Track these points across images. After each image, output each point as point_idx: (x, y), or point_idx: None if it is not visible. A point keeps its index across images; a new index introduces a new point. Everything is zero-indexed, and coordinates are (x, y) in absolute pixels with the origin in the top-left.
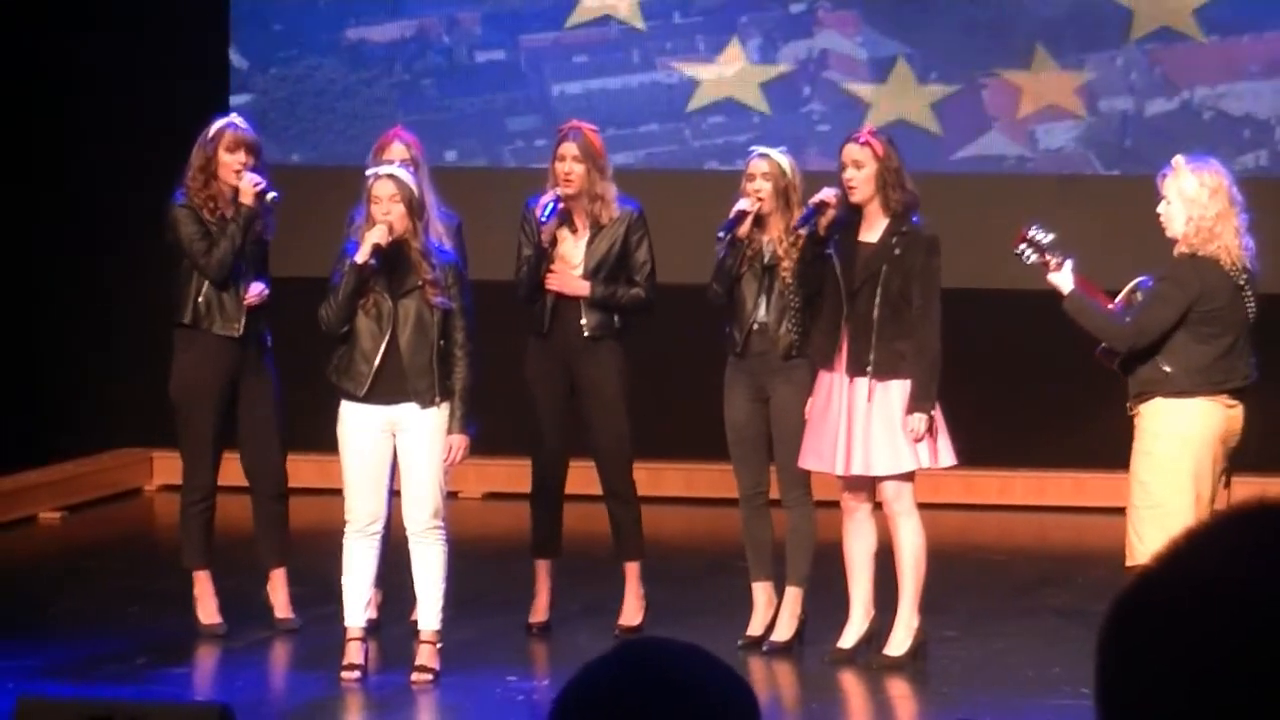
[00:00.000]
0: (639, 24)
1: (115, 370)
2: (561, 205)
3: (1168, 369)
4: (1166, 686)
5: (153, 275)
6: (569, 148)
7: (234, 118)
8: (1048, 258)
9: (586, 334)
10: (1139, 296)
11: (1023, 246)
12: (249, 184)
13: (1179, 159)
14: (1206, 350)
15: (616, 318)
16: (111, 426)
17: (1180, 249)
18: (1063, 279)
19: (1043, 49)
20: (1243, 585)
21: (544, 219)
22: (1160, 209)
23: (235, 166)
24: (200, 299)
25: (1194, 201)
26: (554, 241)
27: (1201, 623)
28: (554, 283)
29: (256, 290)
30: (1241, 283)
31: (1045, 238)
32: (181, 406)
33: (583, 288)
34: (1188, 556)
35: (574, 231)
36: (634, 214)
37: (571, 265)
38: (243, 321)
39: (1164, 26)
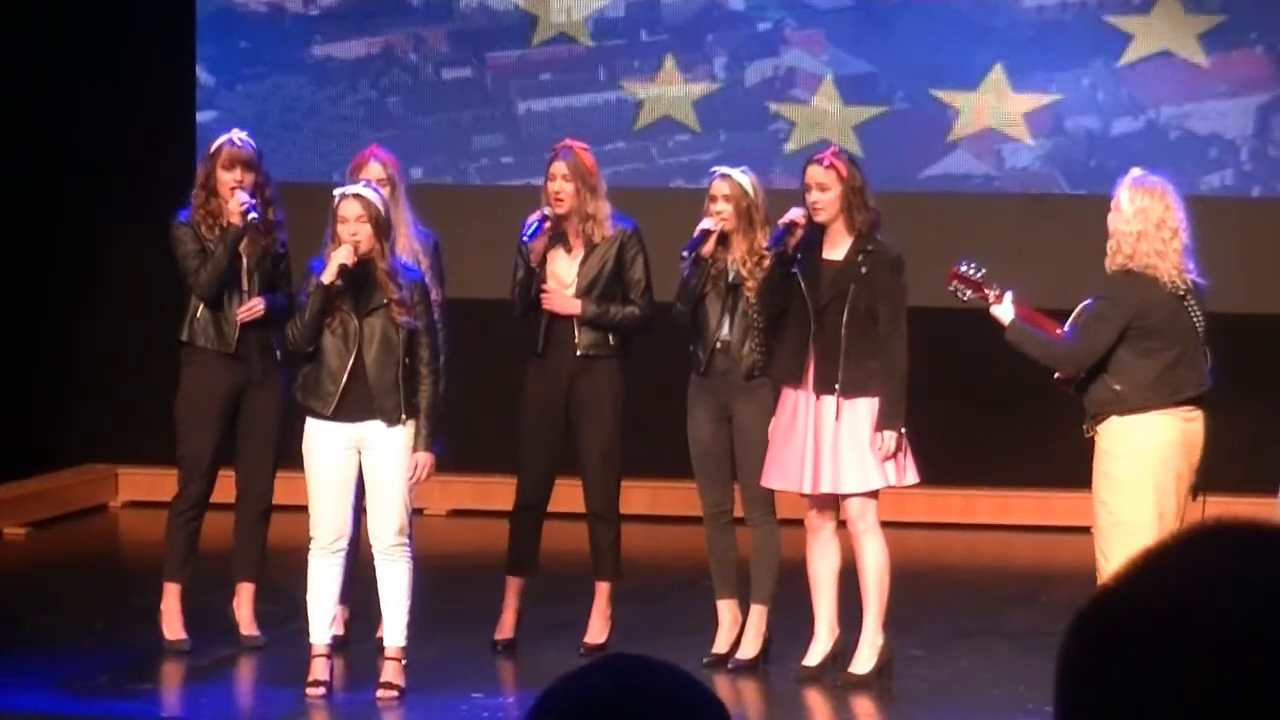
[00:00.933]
0: (591, 42)
1: (81, 387)
2: (547, 225)
3: (1118, 387)
4: (1124, 705)
5: (120, 291)
6: (559, 167)
7: (234, 134)
8: (985, 292)
9: (580, 353)
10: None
11: (955, 284)
12: (235, 205)
13: (1135, 171)
14: (1152, 365)
15: (612, 337)
16: (77, 443)
17: (1113, 266)
18: (1003, 311)
19: (1007, 69)
20: (1199, 604)
21: (528, 237)
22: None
23: (230, 184)
24: (196, 316)
25: (1119, 215)
26: (544, 260)
27: (1158, 642)
28: (547, 303)
29: (248, 306)
30: (1182, 294)
31: (976, 273)
32: (180, 421)
33: (575, 307)
34: (1145, 576)
35: (568, 250)
36: (628, 231)
37: (565, 285)
38: (235, 338)
39: (1164, 50)
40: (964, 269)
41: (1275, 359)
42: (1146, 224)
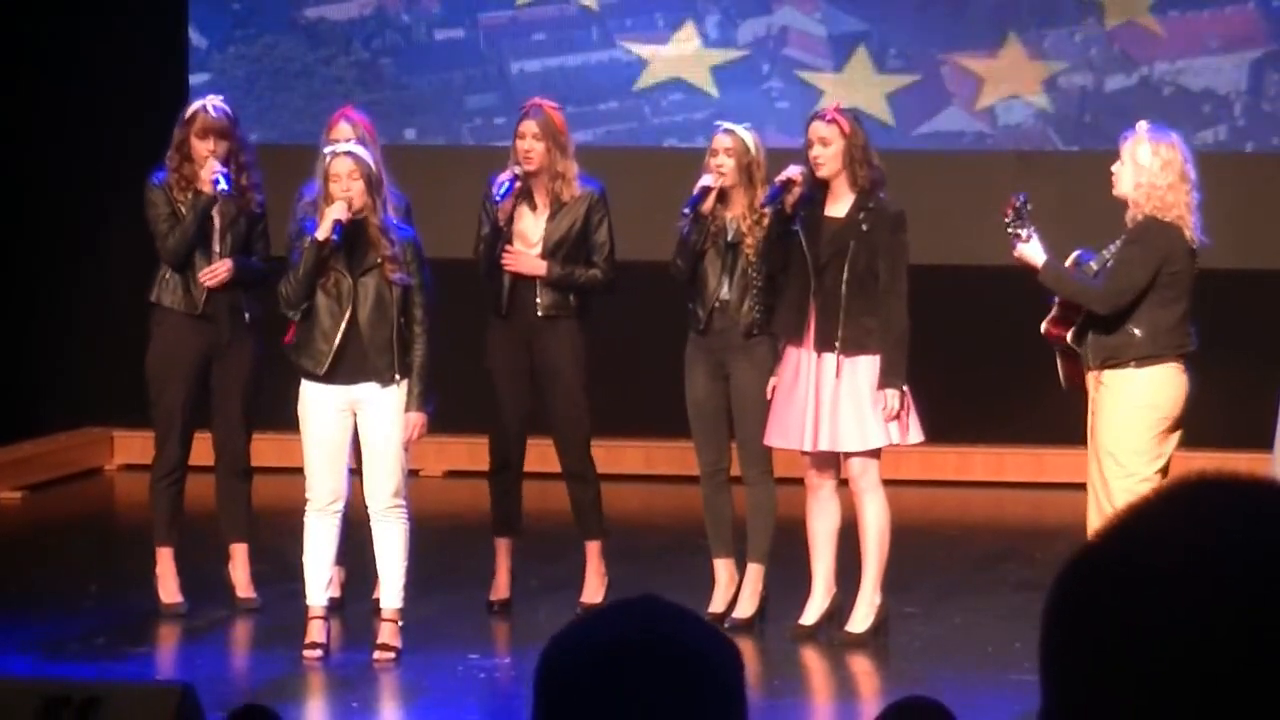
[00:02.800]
0: (594, 3)
1: (76, 349)
2: (518, 183)
3: (1137, 332)
4: (1108, 657)
5: (112, 255)
6: (529, 125)
7: (209, 100)
8: (1019, 230)
9: (541, 313)
10: (1094, 266)
11: (1010, 215)
12: (207, 174)
13: (1142, 124)
14: (1169, 314)
15: (573, 297)
16: (72, 406)
17: (1136, 215)
18: (1034, 250)
19: (1001, 27)
20: (1184, 556)
21: (499, 197)
22: (1114, 168)
23: (204, 152)
24: (165, 277)
25: (1144, 169)
26: (511, 219)
27: (1143, 594)
28: (511, 263)
29: (209, 269)
30: (1194, 249)
31: (1024, 207)
32: (152, 383)
33: (539, 267)
34: (1130, 528)
35: (534, 209)
36: (595, 194)
37: (530, 243)
38: (202, 299)
39: (1129, 20)
40: (1019, 202)
41: (1269, 314)
42: (1174, 175)
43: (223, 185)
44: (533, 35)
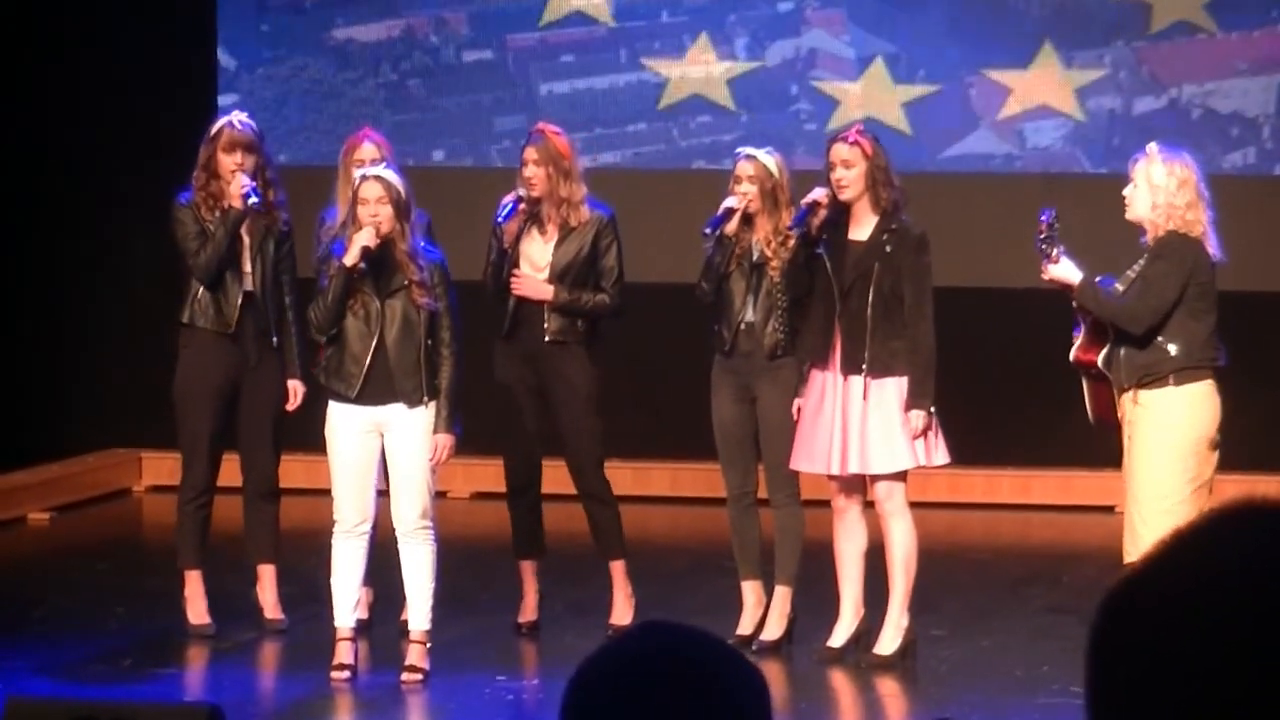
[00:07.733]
0: (612, 21)
1: (104, 370)
2: (522, 206)
3: (1172, 348)
4: (1156, 686)
5: (140, 274)
6: (530, 152)
7: (235, 116)
8: (1051, 250)
9: (548, 338)
10: (1119, 288)
11: (1045, 234)
12: (236, 188)
13: (1153, 146)
14: (1202, 326)
15: (580, 323)
16: (100, 427)
17: (1157, 234)
18: (1067, 270)
19: (1032, 46)
20: (1231, 584)
21: (500, 219)
22: (1126, 191)
23: (231, 167)
24: (197, 298)
25: (1160, 189)
26: (518, 243)
27: (1191, 622)
28: (518, 288)
29: (294, 394)
30: (1214, 264)
31: (1054, 227)
32: (179, 405)
33: (546, 292)
34: (1177, 556)
35: (543, 234)
36: (604, 218)
37: (538, 267)
38: (234, 318)
39: (1181, 20)
40: (1048, 220)
41: None
42: (1191, 193)
43: (254, 199)
44: (560, 57)
